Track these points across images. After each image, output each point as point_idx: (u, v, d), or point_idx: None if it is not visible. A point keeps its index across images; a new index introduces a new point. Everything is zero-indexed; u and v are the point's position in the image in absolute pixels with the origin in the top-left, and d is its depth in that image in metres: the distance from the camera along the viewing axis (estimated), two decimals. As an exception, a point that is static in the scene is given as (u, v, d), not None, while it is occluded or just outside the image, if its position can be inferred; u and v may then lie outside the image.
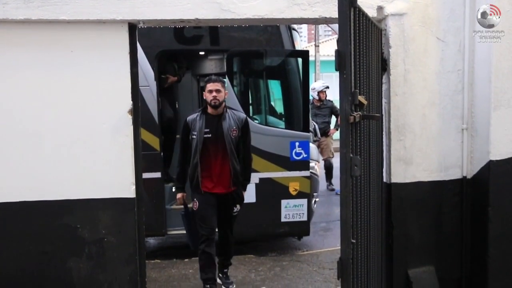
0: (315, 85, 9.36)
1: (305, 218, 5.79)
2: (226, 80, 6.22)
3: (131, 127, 3.53)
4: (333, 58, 2.64)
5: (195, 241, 4.67)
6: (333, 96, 9.40)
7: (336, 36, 3.17)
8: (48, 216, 3.51)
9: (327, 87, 9.20)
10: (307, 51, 6.09)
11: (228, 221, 4.72)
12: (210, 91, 4.36)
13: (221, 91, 4.38)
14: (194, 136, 4.40)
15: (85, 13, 3.40)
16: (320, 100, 9.09)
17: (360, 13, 2.84)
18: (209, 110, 4.44)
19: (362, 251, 2.97)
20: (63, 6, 3.37)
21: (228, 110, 4.53)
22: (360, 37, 2.85)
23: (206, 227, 4.51)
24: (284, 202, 5.73)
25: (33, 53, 3.45)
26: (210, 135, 4.40)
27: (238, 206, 4.67)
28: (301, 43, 6.78)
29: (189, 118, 4.50)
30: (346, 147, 2.57)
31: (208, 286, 4.49)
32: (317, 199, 6.36)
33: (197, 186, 4.48)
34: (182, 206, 4.75)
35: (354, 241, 2.67)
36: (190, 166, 4.48)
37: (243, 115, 4.63)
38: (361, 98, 2.74)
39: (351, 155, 2.59)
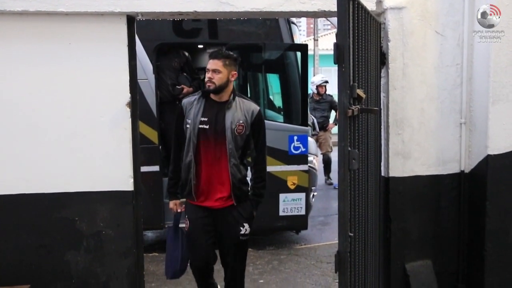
0: (314, 79, 9.37)
1: (303, 212, 5.80)
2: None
3: (129, 120, 3.52)
4: (332, 52, 2.63)
5: (172, 268, 3.72)
6: (332, 90, 9.42)
7: (335, 30, 3.17)
8: (46, 209, 3.51)
9: (326, 82, 9.18)
10: (306, 45, 6.08)
11: (234, 252, 3.56)
12: (207, 70, 3.42)
13: (220, 72, 3.37)
14: (188, 125, 3.43)
15: (83, 5, 3.38)
16: (319, 94, 9.08)
17: (359, 6, 2.83)
18: (211, 94, 3.47)
19: (360, 244, 2.97)
20: (61, -2, 3.36)
21: (237, 97, 3.49)
22: (359, 30, 2.85)
23: (197, 261, 3.59)
24: (282, 196, 5.73)
25: (31, 45, 3.43)
26: (207, 126, 3.41)
27: (246, 225, 3.53)
28: (300, 37, 6.76)
29: (185, 100, 3.54)
30: (344, 140, 2.57)
31: None
32: (315, 193, 6.37)
33: (190, 195, 3.50)
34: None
35: (351, 234, 2.67)
36: (182, 166, 3.48)
37: (255, 106, 3.55)
38: (359, 92, 2.73)
39: (349, 149, 2.59)
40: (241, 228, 3.49)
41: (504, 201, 3.69)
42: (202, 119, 3.40)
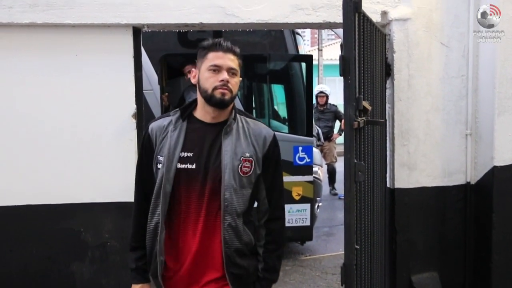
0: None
1: (308, 223, 5.77)
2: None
3: (135, 131, 3.53)
4: (337, 62, 2.64)
5: None
6: (336, 100, 9.41)
7: (340, 40, 3.18)
8: (51, 220, 3.51)
9: (322, 92, 9.11)
10: (311, 56, 6.09)
11: None
12: (216, 69, 2.06)
13: (237, 73, 2.11)
14: (159, 166, 2.12)
15: (90, 17, 3.41)
16: (320, 104, 9.07)
17: (364, 18, 2.84)
18: (199, 111, 2.16)
19: (366, 256, 2.96)
20: (68, 10, 3.38)
21: (238, 116, 2.19)
22: (364, 42, 2.85)
23: None
24: (287, 207, 5.66)
25: (38, 57, 3.46)
26: (192, 166, 2.09)
27: None
28: (304, 47, 6.79)
29: (154, 125, 2.19)
30: (350, 152, 2.57)
31: None
32: (320, 204, 6.35)
33: (156, 277, 2.18)
34: None
35: (357, 247, 2.67)
36: (147, 228, 2.17)
37: (267, 130, 2.21)
38: (365, 104, 2.73)
39: (355, 161, 2.59)
40: None
41: (510, 212, 3.67)
42: (184, 154, 2.09)
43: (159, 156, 2.13)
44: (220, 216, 2.09)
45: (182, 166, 2.10)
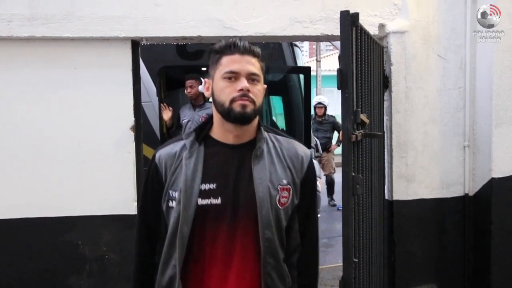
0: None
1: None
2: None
3: (133, 144, 3.53)
4: (335, 73, 2.65)
5: None
6: (335, 111, 9.43)
7: (338, 51, 3.19)
8: (49, 233, 3.50)
9: (320, 103, 9.14)
10: (309, 67, 6.12)
11: None
12: (232, 76, 1.65)
13: (260, 80, 1.70)
14: (172, 204, 1.70)
15: (88, 30, 3.42)
16: (318, 115, 9.08)
17: (362, 31, 2.86)
18: (217, 130, 1.74)
19: (364, 269, 2.95)
20: (66, 24, 3.40)
21: (267, 133, 1.79)
22: (362, 55, 2.87)
23: None
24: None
25: (37, 70, 3.46)
26: (217, 200, 1.68)
27: None
28: (302, 58, 6.81)
29: (162, 152, 1.77)
30: (348, 165, 2.57)
31: None
32: (318, 215, 6.32)
33: None
34: None
35: (356, 260, 2.66)
36: (157, 284, 1.75)
37: (303, 148, 1.83)
38: (363, 117, 2.74)
39: (353, 174, 2.59)
40: None
41: (509, 224, 3.67)
42: (205, 186, 1.67)
43: (171, 192, 1.69)
44: (259, 259, 1.67)
45: (204, 201, 1.66)
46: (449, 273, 3.87)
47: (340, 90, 2.61)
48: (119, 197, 3.51)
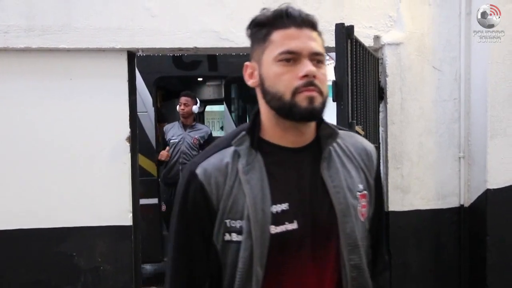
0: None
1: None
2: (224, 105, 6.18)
3: (129, 155, 3.53)
4: (330, 83, 2.66)
5: None
6: (330, 121, 9.44)
7: (333, 61, 3.20)
8: (43, 244, 3.48)
9: None
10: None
11: None
12: (291, 57, 1.20)
13: (322, 62, 1.25)
14: (232, 237, 1.21)
15: (84, 41, 3.42)
16: None
17: (357, 44, 2.87)
18: (270, 130, 1.28)
19: (360, 281, 2.94)
20: (63, 35, 3.40)
21: (335, 129, 1.32)
22: (357, 67, 2.88)
23: None
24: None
25: (33, 81, 3.46)
26: (293, 224, 1.21)
27: None
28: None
29: (207, 166, 1.24)
30: (344, 177, 2.57)
31: None
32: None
33: None
34: None
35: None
36: None
37: (366, 141, 1.44)
38: (358, 129, 2.75)
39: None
40: None
41: (505, 235, 3.67)
42: (277, 208, 1.22)
43: (230, 221, 1.21)
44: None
45: (279, 229, 1.21)
46: (445, 283, 3.86)
47: (335, 102, 2.62)
48: (114, 208, 3.51)
